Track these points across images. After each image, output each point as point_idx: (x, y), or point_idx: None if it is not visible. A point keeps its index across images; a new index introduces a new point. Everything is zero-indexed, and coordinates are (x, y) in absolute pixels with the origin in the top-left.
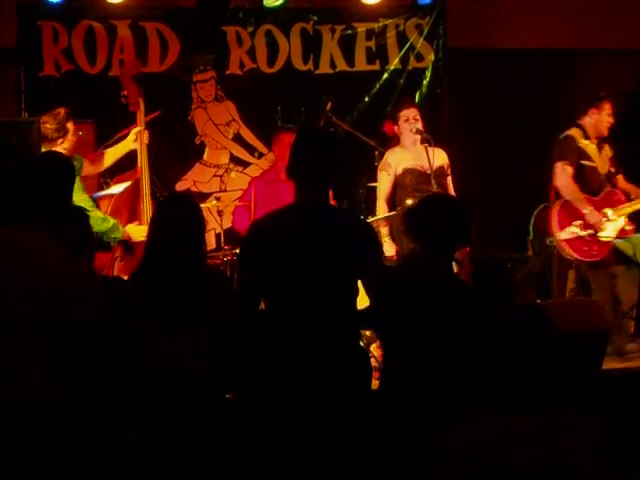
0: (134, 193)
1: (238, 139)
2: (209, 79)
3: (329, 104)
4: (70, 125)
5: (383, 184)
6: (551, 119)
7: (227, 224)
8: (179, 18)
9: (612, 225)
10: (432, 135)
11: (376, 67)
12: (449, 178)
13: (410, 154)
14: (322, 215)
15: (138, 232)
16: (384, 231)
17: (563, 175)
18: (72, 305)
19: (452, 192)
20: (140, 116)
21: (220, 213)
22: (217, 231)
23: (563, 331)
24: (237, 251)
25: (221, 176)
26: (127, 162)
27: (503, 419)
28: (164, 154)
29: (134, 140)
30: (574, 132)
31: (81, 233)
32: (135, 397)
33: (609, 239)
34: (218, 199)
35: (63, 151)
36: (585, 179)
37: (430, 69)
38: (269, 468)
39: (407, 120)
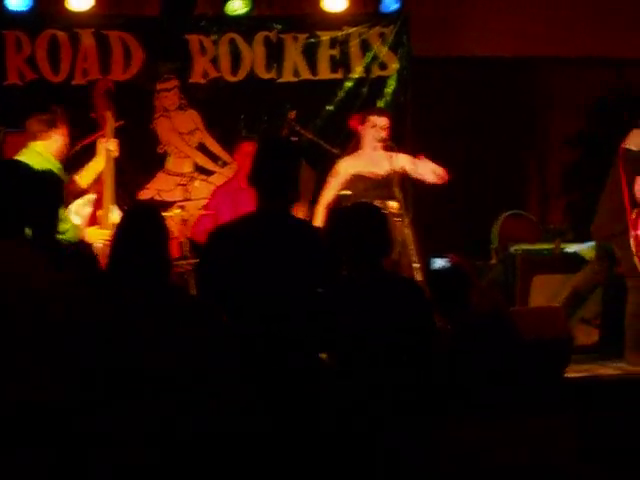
0: (98, 200)
1: (202, 148)
2: (172, 88)
3: (292, 112)
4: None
5: (326, 191)
6: (516, 127)
7: (191, 233)
8: (143, 27)
9: None
10: (396, 143)
11: (339, 75)
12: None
13: (362, 161)
14: (281, 224)
15: (97, 235)
16: None
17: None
18: (49, 306)
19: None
20: (107, 128)
21: (184, 222)
22: (180, 240)
23: (527, 339)
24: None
25: (185, 185)
26: None
27: (471, 423)
28: (127, 163)
29: (101, 155)
30: (634, 140)
31: None
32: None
33: None
34: (182, 208)
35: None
36: None
37: (394, 78)
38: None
39: (374, 126)
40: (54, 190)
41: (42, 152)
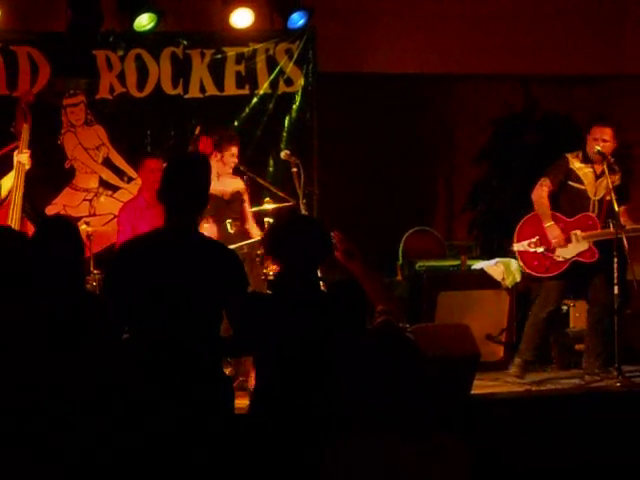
0: (3, 214)
1: (108, 163)
2: (79, 103)
3: (198, 128)
4: None
5: None
6: (423, 144)
7: (96, 248)
8: (50, 42)
9: (573, 247)
10: (301, 160)
11: (246, 91)
12: (245, 204)
13: (215, 181)
14: (187, 241)
15: None
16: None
17: (539, 189)
18: None
19: (249, 216)
20: (23, 140)
21: (89, 237)
22: (85, 255)
23: (432, 355)
24: None
25: (90, 200)
26: None
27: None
28: (34, 178)
29: (16, 169)
30: (572, 154)
31: None
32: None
33: (561, 259)
34: (87, 224)
35: None
36: (570, 200)
37: (300, 94)
38: None
39: (233, 155)
40: None
41: None
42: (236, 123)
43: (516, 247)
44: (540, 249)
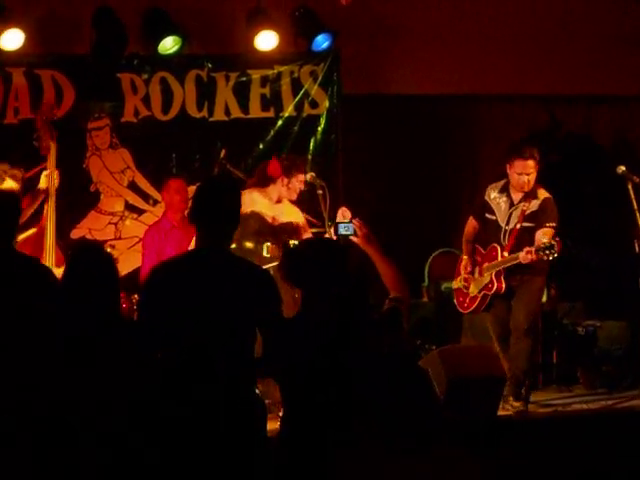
0: (38, 237)
1: (133, 187)
2: (104, 126)
3: (223, 151)
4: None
5: None
6: (448, 165)
7: (122, 272)
8: (74, 65)
9: (480, 281)
10: (326, 182)
11: (270, 114)
12: (303, 235)
13: (268, 201)
14: (221, 262)
15: None
16: None
17: (467, 225)
18: None
19: None
20: (51, 159)
21: (115, 261)
22: None
23: (458, 376)
24: (136, 297)
25: (116, 224)
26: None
27: (383, 459)
28: (59, 201)
29: (46, 183)
30: (493, 185)
31: None
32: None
33: (472, 295)
34: (113, 247)
35: None
36: (486, 232)
37: (325, 116)
38: None
39: (300, 182)
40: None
41: None
42: (261, 146)
43: (453, 284)
44: (461, 284)
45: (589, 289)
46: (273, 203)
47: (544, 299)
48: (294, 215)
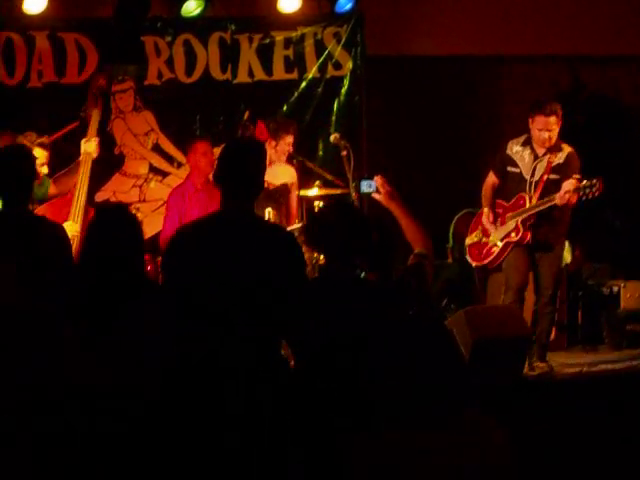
0: (63, 203)
1: (157, 149)
2: (128, 89)
3: (247, 113)
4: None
5: None
6: (471, 126)
7: (146, 234)
8: (97, 29)
9: (503, 230)
10: (350, 143)
11: (294, 76)
12: (292, 195)
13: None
14: (245, 224)
15: (70, 228)
16: None
17: (486, 180)
18: None
19: (293, 210)
20: (92, 126)
21: (140, 223)
22: None
23: (483, 336)
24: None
25: (140, 186)
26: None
27: (416, 430)
28: None
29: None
30: (514, 140)
31: None
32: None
33: (492, 244)
34: (137, 210)
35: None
36: (509, 185)
37: (348, 77)
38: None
39: (288, 144)
40: (26, 164)
41: None
42: (285, 108)
43: (467, 241)
44: (479, 237)
45: (613, 250)
46: (267, 166)
47: (569, 260)
48: (287, 176)
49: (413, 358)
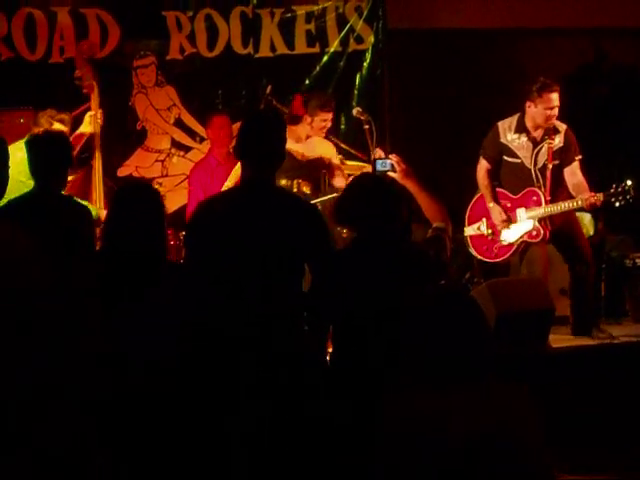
0: (86, 177)
1: (179, 124)
2: (150, 64)
3: (269, 87)
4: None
5: None
6: (493, 100)
7: (169, 209)
8: (119, 4)
9: (517, 228)
10: (372, 117)
11: (316, 50)
12: (329, 170)
13: (297, 139)
14: (268, 196)
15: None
16: None
17: (479, 168)
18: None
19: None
20: (94, 99)
21: (162, 198)
22: None
23: (507, 309)
24: (183, 234)
25: (163, 161)
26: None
27: (438, 394)
28: (105, 140)
29: (89, 123)
30: (504, 123)
31: None
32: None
33: (506, 243)
34: (160, 184)
35: None
36: (509, 175)
37: (370, 51)
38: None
39: (324, 121)
40: (63, 148)
41: None
42: (307, 82)
43: (466, 231)
44: (487, 232)
45: (637, 222)
46: (303, 140)
47: (592, 232)
48: (325, 150)
49: (445, 325)
